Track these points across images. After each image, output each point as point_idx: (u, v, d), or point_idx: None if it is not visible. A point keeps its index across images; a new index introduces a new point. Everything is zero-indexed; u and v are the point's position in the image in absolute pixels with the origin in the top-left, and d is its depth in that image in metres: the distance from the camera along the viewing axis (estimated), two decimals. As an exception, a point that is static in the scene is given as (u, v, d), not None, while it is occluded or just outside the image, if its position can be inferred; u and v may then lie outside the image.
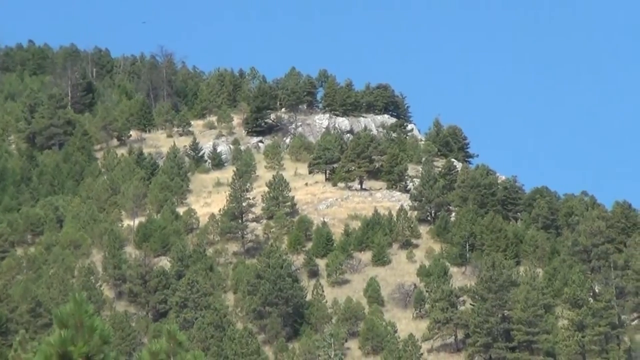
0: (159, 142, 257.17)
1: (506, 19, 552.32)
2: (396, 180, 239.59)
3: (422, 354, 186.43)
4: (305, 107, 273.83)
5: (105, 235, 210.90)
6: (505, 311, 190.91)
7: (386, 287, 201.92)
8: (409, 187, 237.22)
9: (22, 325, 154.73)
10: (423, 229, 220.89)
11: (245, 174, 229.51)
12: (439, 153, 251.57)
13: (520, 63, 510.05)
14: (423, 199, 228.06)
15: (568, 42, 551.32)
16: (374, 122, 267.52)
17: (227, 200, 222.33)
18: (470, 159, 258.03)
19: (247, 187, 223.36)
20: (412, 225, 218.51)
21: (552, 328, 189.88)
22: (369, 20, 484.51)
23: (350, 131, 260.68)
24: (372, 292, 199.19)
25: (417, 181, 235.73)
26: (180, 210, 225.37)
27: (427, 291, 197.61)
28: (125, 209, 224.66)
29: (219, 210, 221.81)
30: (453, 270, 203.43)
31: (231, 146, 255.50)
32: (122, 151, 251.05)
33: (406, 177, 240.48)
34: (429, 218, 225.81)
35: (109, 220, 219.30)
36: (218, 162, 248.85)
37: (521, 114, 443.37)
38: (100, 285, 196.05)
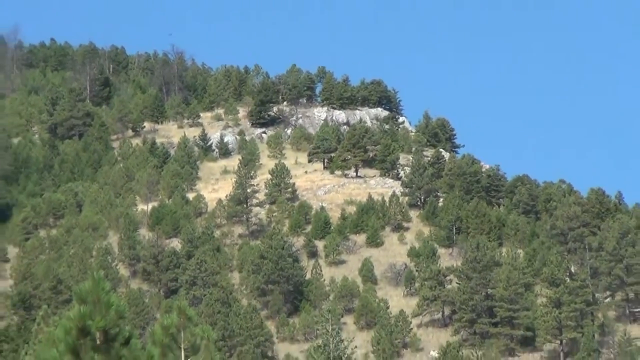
0: (171, 133, 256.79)
1: (488, 17, 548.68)
2: (389, 169, 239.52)
3: (411, 328, 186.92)
4: (305, 101, 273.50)
5: (121, 219, 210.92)
6: (489, 289, 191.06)
7: (379, 267, 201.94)
8: (400, 174, 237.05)
9: (45, 301, 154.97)
10: (413, 214, 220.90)
11: (249, 162, 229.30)
12: (428, 143, 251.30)
13: (503, 60, 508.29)
14: (413, 185, 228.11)
15: (546, 37, 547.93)
16: (368, 115, 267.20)
17: (233, 186, 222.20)
18: (456, 149, 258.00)
19: (251, 174, 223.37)
20: (403, 210, 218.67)
21: (532, 305, 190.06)
22: (365, 19, 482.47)
23: (347, 123, 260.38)
24: (366, 271, 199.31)
25: (407, 169, 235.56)
26: (190, 195, 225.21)
27: (416, 271, 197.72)
28: (139, 194, 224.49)
29: (226, 196, 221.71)
30: (441, 251, 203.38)
31: (237, 137, 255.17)
32: (136, 141, 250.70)
33: (398, 165, 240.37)
34: (418, 203, 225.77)
35: (124, 204, 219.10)
36: (225, 152, 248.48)
37: (504, 106, 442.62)
38: (116, 265, 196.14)
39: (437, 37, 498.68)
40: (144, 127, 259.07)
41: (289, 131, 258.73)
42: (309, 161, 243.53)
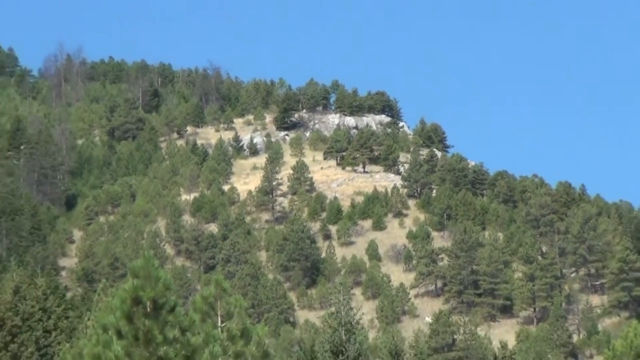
0: (209, 136, 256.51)
1: (475, 32, 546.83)
2: (390, 165, 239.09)
3: (409, 298, 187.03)
4: (321, 109, 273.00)
5: (167, 207, 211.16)
6: (474, 266, 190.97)
7: (382, 247, 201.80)
8: (400, 170, 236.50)
9: (104, 276, 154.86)
10: (411, 203, 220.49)
11: (275, 160, 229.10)
12: (423, 144, 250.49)
13: (487, 72, 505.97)
14: (411, 179, 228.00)
15: (529, 40, 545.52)
16: (373, 121, 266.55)
17: (261, 180, 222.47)
18: (447, 149, 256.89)
19: (276, 170, 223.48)
20: (402, 200, 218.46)
21: (510, 279, 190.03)
22: (371, 40, 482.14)
23: (356, 127, 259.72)
24: (372, 251, 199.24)
25: (406, 166, 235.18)
26: (225, 187, 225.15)
27: (414, 250, 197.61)
28: (183, 186, 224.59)
29: (255, 188, 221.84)
30: (434, 234, 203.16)
31: (264, 138, 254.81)
32: (180, 142, 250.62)
33: (398, 163, 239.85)
34: (415, 194, 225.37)
35: (170, 195, 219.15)
36: (254, 151, 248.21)
37: (487, 113, 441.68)
38: (164, 245, 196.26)
39: (432, 52, 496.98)
40: (187, 130, 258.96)
41: (307, 134, 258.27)
42: (324, 159, 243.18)
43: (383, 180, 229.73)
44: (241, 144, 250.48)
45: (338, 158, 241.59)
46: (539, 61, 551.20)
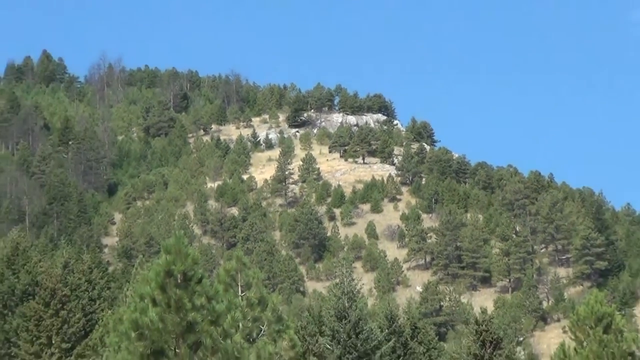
0: (231, 132, 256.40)
1: (459, 39, 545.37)
2: (386, 157, 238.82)
3: (403, 271, 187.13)
4: (327, 109, 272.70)
5: (195, 193, 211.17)
6: (458, 243, 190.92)
7: (379, 227, 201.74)
8: (394, 161, 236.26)
9: (140, 252, 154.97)
10: (404, 189, 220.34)
11: (287, 153, 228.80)
12: (414, 139, 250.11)
13: (470, 74, 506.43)
14: (404, 169, 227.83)
15: (512, 45, 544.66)
16: (371, 119, 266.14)
17: (275, 170, 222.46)
18: (435, 143, 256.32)
19: (288, 161, 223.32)
20: (396, 187, 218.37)
21: (488, 254, 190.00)
22: (370, 48, 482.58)
23: (356, 125, 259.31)
24: (370, 230, 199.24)
25: (400, 158, 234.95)
26: (245, 176, 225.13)
27: (406, 230, 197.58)
28: (208, 176, 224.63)
29: (270, 177, 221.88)
30: (424, 216, 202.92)
31: (278, 135, 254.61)
32: (206, 138, 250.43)
33: (393, 155, 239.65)
34: (407, 182, 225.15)
35: (197, 183, 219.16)
36: (269, 145, 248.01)
37: (469, 112, 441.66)
38: (192, 226, 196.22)
39: (423, 60, 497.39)
40: (212, 128, 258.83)
41: (315, 131, 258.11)
42: (329, 152, 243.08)
43: (380, 170, 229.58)
44: (258, 139, 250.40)
45: (341, 151, 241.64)
46: (513, 66, 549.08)
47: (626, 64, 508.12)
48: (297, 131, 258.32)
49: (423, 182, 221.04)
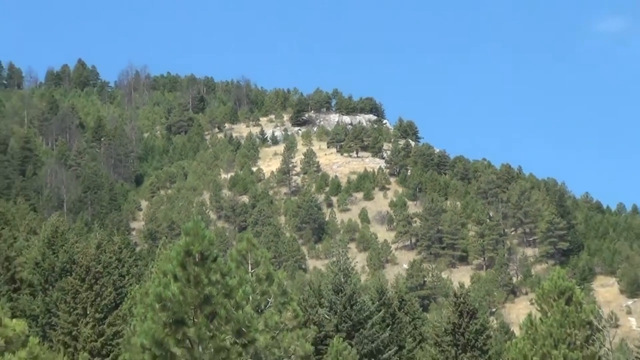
0: (241, 130, 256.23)
1: (438, 45, 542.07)
2: (377, 152, 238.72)
3: (391, 251, 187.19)
4: (325, 110, 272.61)
5: (211, 183, 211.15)
6: (439, 226, 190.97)
7: (371, 213, 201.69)
8: (384, 155, 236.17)
9: (164, 235, 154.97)
10: (392, 180, 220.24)
11: (290, 148, 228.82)
12: (401, 136, 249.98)
13: (449, 77, 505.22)
14: (392, 162, 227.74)
15: (489, 48, 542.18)
16: (364, 119, 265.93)
17: (280, 163, 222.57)
18: (419, 140, 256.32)
19: (291, 156, 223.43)
20: (385, 177, 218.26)
21: (465, 236, 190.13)
22: (362, 57, 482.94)
23: (350, 124, 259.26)
24: (363, 215, 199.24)
25: (388, 152, 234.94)
26: (254, 168, 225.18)
27: (394, 215, 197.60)
28: (222, 168, 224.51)
29: (276, 169, 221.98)
30: (409, 203, 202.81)
31: (283, 132, 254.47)
32: (220, 135, 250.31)
33: (382, 150, 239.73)
34: (395, 173, 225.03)
35: (213, 174, 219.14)
36: (275, 142, 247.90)
37: (449, 112, 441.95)
38: (208, 211, 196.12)
39: (409, 66, 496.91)
40: (225, 126, 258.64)
41: (315, 129, 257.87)
42: (327, 147, 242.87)
43: (371, 163, 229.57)
44: (265, 136, 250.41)
45: (337, 147, 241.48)
46: (488, 73, 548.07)
47: (587, 64, 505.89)
48: (299, 129, 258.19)
49: (409, 174, 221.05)
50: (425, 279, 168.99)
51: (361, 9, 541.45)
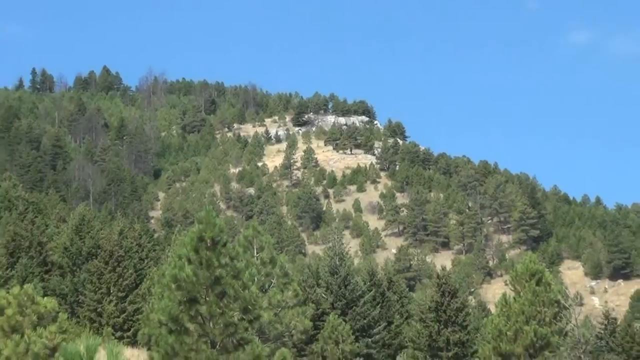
0: (249, 130, 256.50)
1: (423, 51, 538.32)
2: (368, 149, 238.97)
3: (381, 237, 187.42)
4: (323, 112, 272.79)
5: (221, 177, 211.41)
6: (424, 215, 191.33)
7: (363, 203, 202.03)
8: (375, 152, 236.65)
9: (179, 222, 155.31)
10: (382, 174, 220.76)
11: (292, 146, 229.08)
12: (390, 136, 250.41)
13: (433, 81, 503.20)
14: (382, 159, 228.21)
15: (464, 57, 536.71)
16: (357, 120, 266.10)
17: (282, 159, 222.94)
18: (406, 139, 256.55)
19: (293, 152, 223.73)
20: (376, 172, 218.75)
21: (447, 224, 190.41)
22: (356, 64, 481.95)
23: (345, 124, 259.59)
24: (356, 205, 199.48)
25: (379, 150, 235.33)
26: (259, 164, 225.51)
27: (384, 205, 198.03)
28: (231, 163, 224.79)
29: (279, 164, 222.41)
30: (397, 194, 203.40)
31: (285, 132, 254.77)
32: (229, 134, 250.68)
33: (374, 148, 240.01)
34: (385, 168, 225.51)
35: (223, 169, 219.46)
36: (278, 140, 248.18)
37: (432, 113, 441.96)
38: (218, 202, 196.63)
39: (398, 71, 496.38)
40: (234, 126, 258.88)
41: (313, 129, 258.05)
42: (325, 145, 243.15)
43: (363, 159, 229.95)
44: (269, 135, 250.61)
45: (334, 145, 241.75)
46: (466, 77, 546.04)
47: (558, 70, 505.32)
48: (300, 129, 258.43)
49: (397, 169, 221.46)
50: (411, 262, 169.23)
51: (355, 20, 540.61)
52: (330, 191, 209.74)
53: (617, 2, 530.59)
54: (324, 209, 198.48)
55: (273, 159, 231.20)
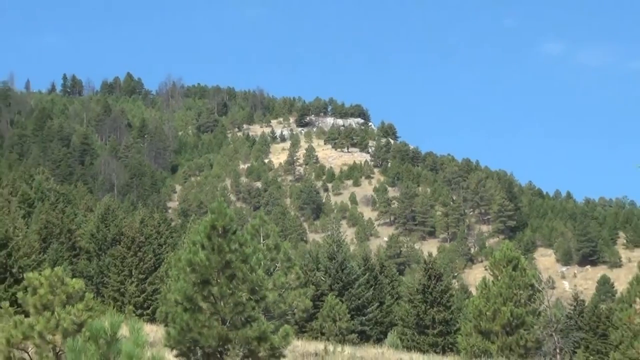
0: (256, 130, 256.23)
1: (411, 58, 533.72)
2: (363, 148, 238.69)
3: (374, 226, 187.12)
4: (323, 114, 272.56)
5: (231, 172, 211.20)
6: (412, 207, 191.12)
7: (359, 196, 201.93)
8: (369, 151, 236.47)
9: (193, 212, 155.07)
10: (376, 170, 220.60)
11: (295, 144, 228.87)
12: (382, 136, 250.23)
13: (418, 86, 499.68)
14: (376, 156, 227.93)
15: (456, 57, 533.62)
16: (353, 122, 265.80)
17: (287, 156, 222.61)
18: (397, 138, 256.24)
19: (296, 150, 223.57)
20: (370, 168, 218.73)
21: (434, 215, 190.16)
22: (353, 73, 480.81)
23: (343, 125, 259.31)
24: (353, 198, 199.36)
25: (373, 148, 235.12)
26: (266, 160, 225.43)
27: (377, 198, 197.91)
28: (241, 159, 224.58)
29: (283, 161, 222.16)
30: (389, 189, 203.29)
31: (289, 132, 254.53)
32: (239, 134, 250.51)
33: (368, 147, 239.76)
34: (378, 165, 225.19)
35: (233, 165, 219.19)
36: (283, 139, 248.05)
37: (420, 115, 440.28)
38: (229, 194, 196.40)
39: (389, 78, 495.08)
40: (243, 127, 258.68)
41: (314, 129, 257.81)
42: (324, 144, 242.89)
43: (359, 157, 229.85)
44: (275, 135, 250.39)
45: (332, 144, 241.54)
46: (451, 82, 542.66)
47: (536, 74, 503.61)
48: (302, 130, 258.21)
49: (389, 166, 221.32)
50: (401, 249, 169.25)
51: (351, 32, 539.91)
52: (329, 185, 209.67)
53: (585, 19, 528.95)
54: (323, 201, 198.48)
55: (278, 156, 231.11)
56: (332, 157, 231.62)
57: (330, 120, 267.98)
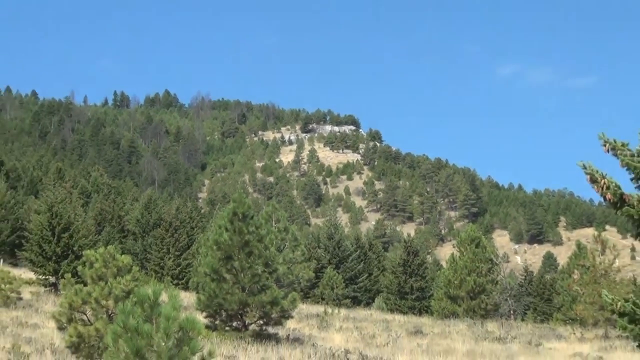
0: (269, 136, 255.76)
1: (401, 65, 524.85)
2: (355, 150, 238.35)
3: (364, 213, 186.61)
4: (322, 123, 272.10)
5: (250, 169, 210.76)
6: (395, 197, 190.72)
7: (352, 189, 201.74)
8: (360, 152, 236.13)
9: (219, 202, 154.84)
10: (365, 167, 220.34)
11: (300, 147, 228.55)
12: (370, 140, 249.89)
13: (403, 93, 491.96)
14: (365, 156, 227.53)
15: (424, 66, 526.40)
16: (347, 129, 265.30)
17: (294, 157, 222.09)
18: (382, 142, 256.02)
19: (301, 152, 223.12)
20: (361, 166, 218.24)
21: (412, 203, 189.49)
22: (348, 83, 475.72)
23: (339, 131, 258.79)
24: (346, 190, 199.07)
25: (362, 150, 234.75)
26: (277, 160, 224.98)
27: (366, 190, 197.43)
28: (257, 159, 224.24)
29: (291, 160, 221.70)
30: (376, 182, 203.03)
31: (295, 137, 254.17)
32: (255, 138, 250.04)
33: (359, 148, 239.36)
34: (367, 164, 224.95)
35: (250, 164, 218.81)
36: (290, 143, 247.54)
37: (401, 122, 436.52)
38: (248, 187, 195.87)
39: (379, 88, 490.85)
40: (259, 133, 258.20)
41: (316, 135, 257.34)
42: (324, 147, 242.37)
43: (352, 157, 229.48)
44: (284, 139, 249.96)
45: (330, 146, 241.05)
46: (428, 92, 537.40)
47: (493, 88, 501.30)
48: (306, 135, 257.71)
49: (376, 164, 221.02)
50: (386, 231, 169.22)
51: (347, 42, 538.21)
52: (328, 180, 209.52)
53: (533, 45, 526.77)
54: (323, 192, 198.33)
55: (287, 157, 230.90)
56: (330, 157, 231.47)
57: (328, 127, 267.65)
